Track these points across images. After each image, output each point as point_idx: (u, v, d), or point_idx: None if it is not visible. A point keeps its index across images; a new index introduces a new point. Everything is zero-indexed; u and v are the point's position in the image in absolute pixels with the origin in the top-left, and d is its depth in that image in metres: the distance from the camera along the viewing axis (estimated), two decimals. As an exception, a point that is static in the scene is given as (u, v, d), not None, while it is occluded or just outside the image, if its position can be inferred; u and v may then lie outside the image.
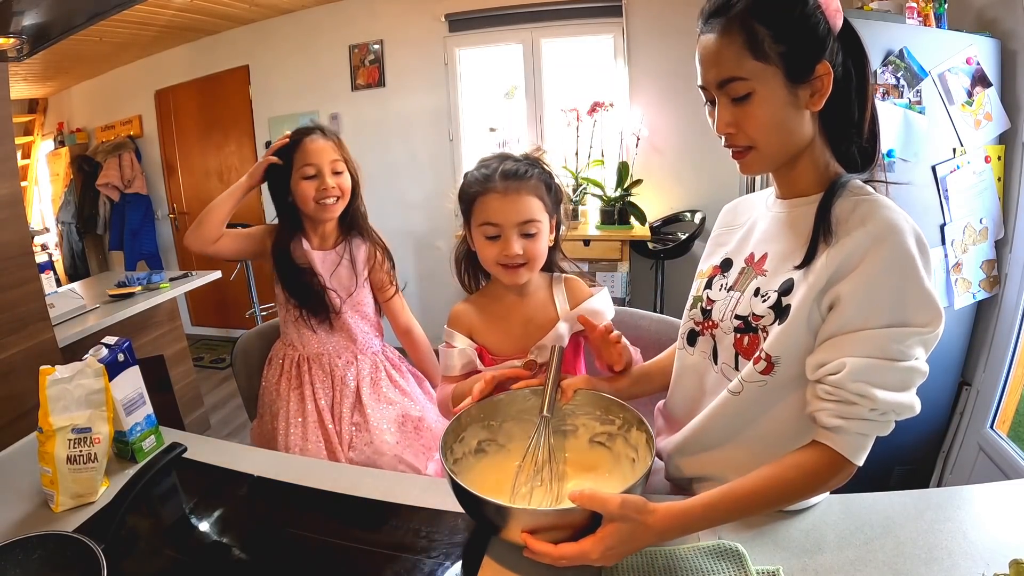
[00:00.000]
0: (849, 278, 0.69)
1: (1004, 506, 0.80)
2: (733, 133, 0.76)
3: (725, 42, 0.71)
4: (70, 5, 1.25)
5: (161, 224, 4.35)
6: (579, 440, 0.92)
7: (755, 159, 0.77)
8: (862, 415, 0.68)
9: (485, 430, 0.92)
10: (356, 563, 0.78)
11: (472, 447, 0.90)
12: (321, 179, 1.33)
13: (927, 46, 1.74)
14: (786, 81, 0.71)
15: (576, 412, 0.93)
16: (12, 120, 1.69)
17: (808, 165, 0.79)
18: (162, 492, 0.94)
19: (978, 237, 1.84)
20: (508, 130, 3.22)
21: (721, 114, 0.76)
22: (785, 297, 0.75)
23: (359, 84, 3.61)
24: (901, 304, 0.68)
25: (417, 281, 3.72)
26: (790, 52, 0.70)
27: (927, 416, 0.72)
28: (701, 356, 0.88)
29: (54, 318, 1.87)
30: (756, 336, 0.77)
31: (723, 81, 0.73)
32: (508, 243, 0.98)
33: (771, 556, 0.72)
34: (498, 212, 0.97)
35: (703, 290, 0.90)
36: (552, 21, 3.21)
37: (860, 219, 0.70)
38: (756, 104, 0.72)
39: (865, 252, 0.68)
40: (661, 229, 3.17)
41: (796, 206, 0.80)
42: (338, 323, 1.41)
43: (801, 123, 0.75)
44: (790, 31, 0.70)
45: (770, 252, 0.81)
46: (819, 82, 0.72)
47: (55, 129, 4.42)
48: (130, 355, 1.02)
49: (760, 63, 0.71)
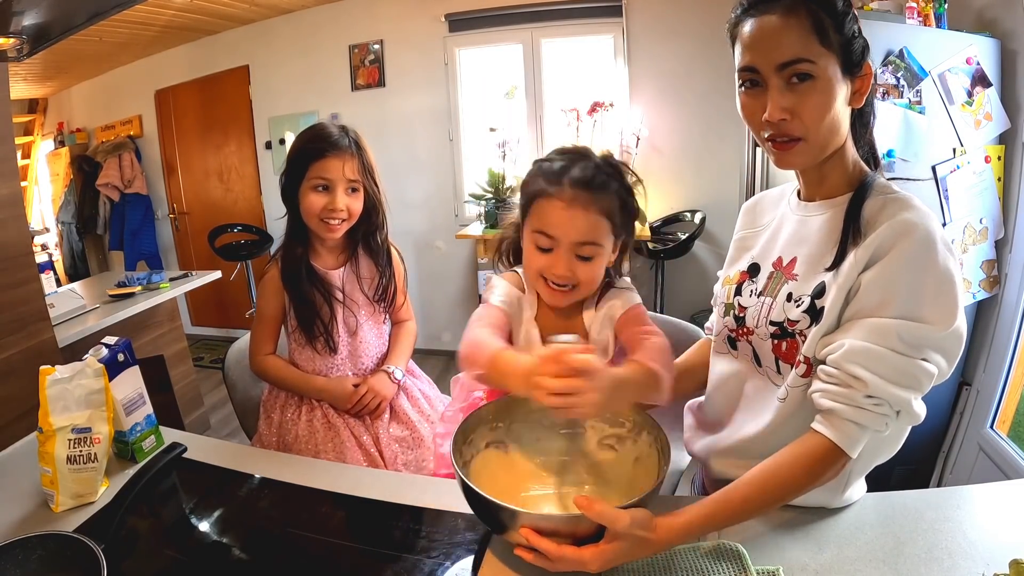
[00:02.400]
0: (871, 270, 0.69)
1: (1004, 506, 0.80)
2: (788, 120, 0.72)
3: (792, 22, 0.70)
4: (70, 5, 1.25)
5: (161, 224, 4.35)
6: (587, 442, 0.89)
7: (802, 151, 0.75)
8: (856, 400, 0.67)
9: (493, 432, 0.88)
10: (356, 563, 0.78)
11: (480, 448, 0.86)
12: (332, 196, 1.20)
13: (927, 46, 1.74)
14: (842, 72, 0.71)
15: None
16: (12, 120, 1.69)
17: (838, 164, 0.78)
18: (162, 492, 0.94)
19: (978, 237, 1.84)
20: (508, 130, 3.22)
21: (777, 99, 0.72)
22: (819, 300, 0.74)
23: (359, 84, 3.61)
24: (915, 299, 0.67)
25: (417, 281, 3.71)
26: (846, 44, 0.71)
27: (927, 416, 0.71)
28: (745, 361, 0.87)
29: (54, 318, 1.87)
30: (795, 341, 0.77)
31: (787, 63, 0.70)
32: (559, 261, 0.87)
33: (771, 556, 0.72)
34: (556, 224, 0.86)
35: (733, 296, 0.88)
36: (552, 21, 3.21)
37: (888, 216, 0.70)
38: (818, 90, 0.71)
39: (890, 246, 0.68)
40: (661, 229, 3.17)
41: (824, 208, 0.79)
42: (352, 344, 1.33)
43: (845, 118, 0.75)
44: (846, 24, 0.71)
45: (800, 256, 0.80)
46: (863, 80, 0.73)
47: (55, 129, 4.42)
48: (130, 355, 1.02)
49: (824, 48, 0.70)
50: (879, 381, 0.67)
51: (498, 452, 0.88)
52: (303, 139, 1.24)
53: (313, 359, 1.31)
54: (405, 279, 1.43)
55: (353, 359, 1.34)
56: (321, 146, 1.20)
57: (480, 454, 0.86)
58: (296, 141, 1.25)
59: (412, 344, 1.43)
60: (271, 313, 1.29)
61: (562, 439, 0.89)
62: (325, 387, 1.28)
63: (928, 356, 0.68)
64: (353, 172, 1.21)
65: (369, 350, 1.36)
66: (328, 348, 1.29)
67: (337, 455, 1.23)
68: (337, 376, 1.31)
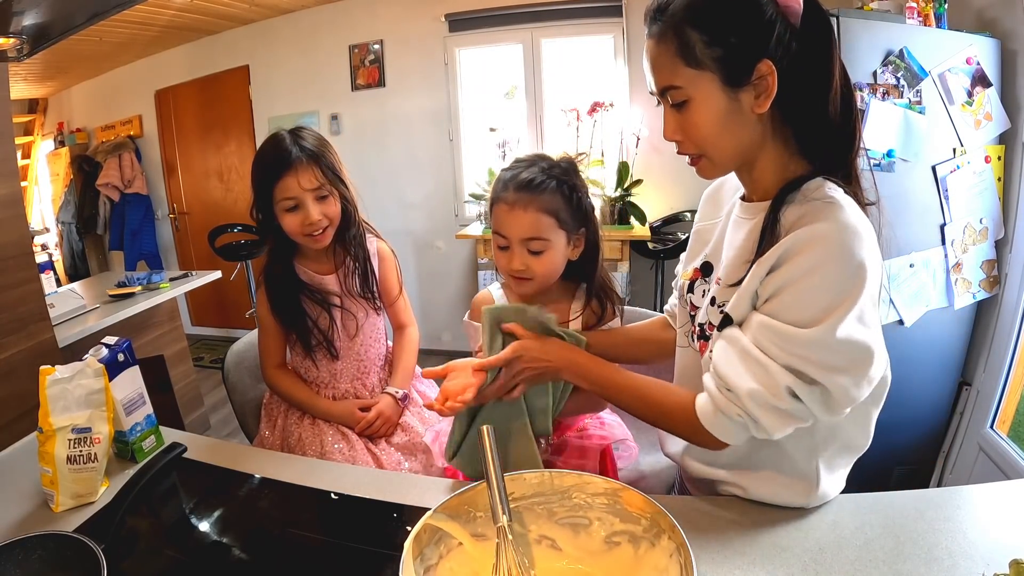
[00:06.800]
0: (771, 275, 0.67)
1: (1004, 506, 0.80)
2: (680, 141, 0.75)
3: (661, 49, 0.70)
4: (70, 5, 1.25)
5: (161, 224, 4.35)
6: (592, 538, 0.70)
7: (707, 166, 0.76)
8: (717, 389, 0.72)
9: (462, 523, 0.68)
10: (356, 563, 0.78)
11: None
12: (305, 211, 1.18)
13: (927, 46, 1.74)
14: (724, 86, 0.68)
15: (592, 504, 0.71)
16: (12, 120, 1.69)
17: (767, 166, 0.75)
18: (162, 492, 0.94)
19: (978, 237, 1.84)
20: (508, 130, 3.22)
21: (667, 121, 0.74)
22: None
23: (359, 84, 3.61)
24: (801, 303, 0.65)
25: (417, 281, 3.72)
26: (726, 56, 0.67)
27: (927, 416, 0.71)
28: (696, 355, 0.87)
29: (54, 318, 1.87)
30: (706, 344, 0.78)
31: (662, 89, 0.72)
32: (512, 257, 0.97)
33: (771, 556, 0.72)
34: (505, 224, 0.96)
35: (687, 292, 0.88)
36: (552, 21, 3.21)
37: (801, 224, 0.66)
38: (694, 112, 0.70)
39: (794, 253, 0.65)
40: (661, 229, 3.17)
41: (754, 213, 0.76)
42: (353, 347, 1.33)
43: (748, 126, 0.71)
44: (725, 33, 0.67)
45: (724, 260, 0.79)
46: (763, 83, 0.68)
47: (55, 129, 4.42)
48: (130, 355, 1.02)
49: (693, 70, 0.68)
50: (725, 369, 0.70)
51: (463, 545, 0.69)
52: (257, 164, 1.20)
53: (316, 366, 1.32)
54: (400, 276, 1.42)
55: (356, 362, 1.35)
56: (275, 167, 1.17)
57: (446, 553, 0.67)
58: (253, 167, 1.21)
59: (415, 356, 1.43)
60: (271, 324, 1.30)
61: (560, 528, 0.72)
62: (330, 410, 1.29)
63: (795, 364, 0.65)
64: (313, 182, 1.17)
65: (369, 352, 1.36)
66: (330, 355, 1.30)
67: (343, 459, 1.23)
68: (343, 402, 1.32)
